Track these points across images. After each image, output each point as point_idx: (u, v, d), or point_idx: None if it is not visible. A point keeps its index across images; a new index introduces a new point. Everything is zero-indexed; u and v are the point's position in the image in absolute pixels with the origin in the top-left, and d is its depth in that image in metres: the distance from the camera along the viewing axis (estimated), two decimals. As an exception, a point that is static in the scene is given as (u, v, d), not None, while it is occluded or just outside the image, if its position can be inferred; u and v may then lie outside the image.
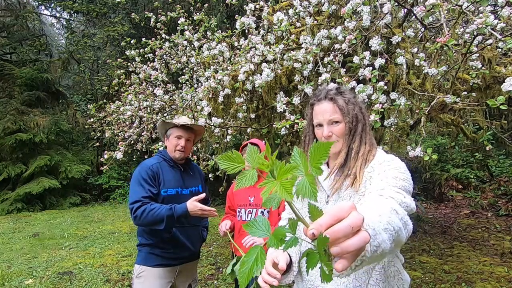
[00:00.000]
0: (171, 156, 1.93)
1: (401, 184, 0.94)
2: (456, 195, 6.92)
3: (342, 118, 1.09)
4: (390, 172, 0.98)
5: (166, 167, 1.91)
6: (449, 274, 3.51)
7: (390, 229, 0.67)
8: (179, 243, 1.88)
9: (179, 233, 1.87)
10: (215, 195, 8.10)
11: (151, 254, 1.85)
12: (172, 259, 1.89)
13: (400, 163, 1.03)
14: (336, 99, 1.10)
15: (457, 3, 1.75)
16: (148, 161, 1.91)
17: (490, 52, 2.26)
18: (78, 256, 4.42)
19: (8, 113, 8.40)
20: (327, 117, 1.10)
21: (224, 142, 3.27)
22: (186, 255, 1.94)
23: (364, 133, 1.11)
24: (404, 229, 0.73)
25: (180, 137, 1.91)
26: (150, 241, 1.86)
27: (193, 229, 1.97)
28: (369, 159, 1.08)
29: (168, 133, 1.95)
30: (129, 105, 4.25)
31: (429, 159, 1.81)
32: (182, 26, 3.74)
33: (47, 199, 8.39)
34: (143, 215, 1.70)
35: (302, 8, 2.51)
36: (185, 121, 1.96)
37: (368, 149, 1.10)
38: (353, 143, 1.10)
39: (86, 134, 10.13)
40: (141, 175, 1.81)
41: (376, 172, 1.02)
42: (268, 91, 2.76)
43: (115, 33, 8.62)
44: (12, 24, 9.58)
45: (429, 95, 2.10)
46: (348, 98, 1.11)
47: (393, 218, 0.71)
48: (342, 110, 1.09)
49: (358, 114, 1.11)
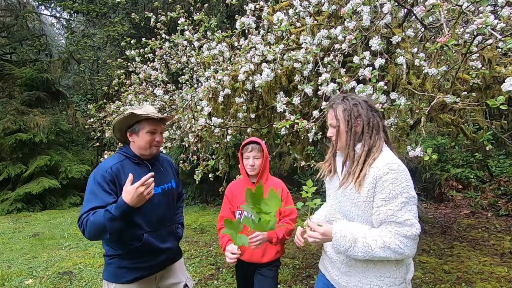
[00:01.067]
0: (140, 153, 1.65)
1: (398, 215, 1.16)
2: (456, 195, 6.92)
3: (336, 123, 1.33)
4: (387, 206, 1.17)
5: (130, 166, 1.60)
6: (449, 274, 3.51)
7: (361, 244, 1.18)
8: (152, 249, 1.62)
9: (152, 238, 1.61)
10: (215, 195, 8.10)
11: (122, 269, 1.57)
12: (147, 268, 1.63)
13: (398, 175, 1.18)
14: (336, 108, 1.33)
15: (457, 3, 1.75)
16: (107, 162, 1.60)
17: (490, 52, 2.25)
18: (78, 256, 4.42)
19: (8, 113, 8.40)
20: (328, 121, 1.38)
21: (224, 142, 3.27)
22: (164, 259, 1.70)
23: (363, 136, 1.28)
24: (389, 252, 1.16)
25: (154, 131, 1.64)
26: (118, 251, 1.58)
27: (167, 229, 1.73)
28: (368, 162, 1.23)
29: (136, 128, 1.63)
30: (129, 105, 4.25)
31: (429, 159, 1.81)
32: (182, 26, 3.74)
33: (47, 199, 8.38)
34: (86, 228, 1.41)
35: (302, 8, 2.51)
36: (154, 112, 1.66)
37: (366, 150, 1.25)
38: (351, 143, 1.29)
39: (86, 134, 10.12)
40: (96, 180, 1.50)
41: (379, 187, 1.19)
42: (268, 91, 2.76)
43: (115, 33, 8.62)
44: (12, 24, 9.58)
45: (429, 95, 2.10)
46: (347, 107, 1.30)
47: (374, 246, 1.17)
48: (337, 117, 1.32)
49: (352, 120, 1.29)
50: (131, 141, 1.67)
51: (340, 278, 1.35)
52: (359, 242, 1.18)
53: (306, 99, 2.65)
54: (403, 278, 1.28)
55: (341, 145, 1.33)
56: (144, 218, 1.60)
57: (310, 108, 2.78)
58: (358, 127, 1.29)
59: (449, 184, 7.12)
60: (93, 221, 1.40)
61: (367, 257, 1.18)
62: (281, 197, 1.97)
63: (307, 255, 4.18)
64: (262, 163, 1.96)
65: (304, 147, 3.11)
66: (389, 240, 1.15)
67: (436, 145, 7.22)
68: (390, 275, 1.25)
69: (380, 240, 1.16)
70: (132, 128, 1.65)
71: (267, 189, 2.02)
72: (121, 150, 1.70)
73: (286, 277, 3.51)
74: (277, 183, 2.03)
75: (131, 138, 1.67)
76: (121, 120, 1.63)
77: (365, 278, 1.27)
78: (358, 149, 1.28)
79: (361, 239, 1.18)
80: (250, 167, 1.95)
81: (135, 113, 1.59)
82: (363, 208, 1.23)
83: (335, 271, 1.38)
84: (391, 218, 1.16)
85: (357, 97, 1.34)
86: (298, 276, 3.56)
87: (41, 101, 9.37)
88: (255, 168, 1.95)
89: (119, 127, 1.68)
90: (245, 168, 1.99)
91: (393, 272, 1.25)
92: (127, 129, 1.67)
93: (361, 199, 1.23)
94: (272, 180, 2.04)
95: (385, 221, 1.18)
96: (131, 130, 1.65)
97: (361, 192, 1.22)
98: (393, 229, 1.16)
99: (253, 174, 1.97)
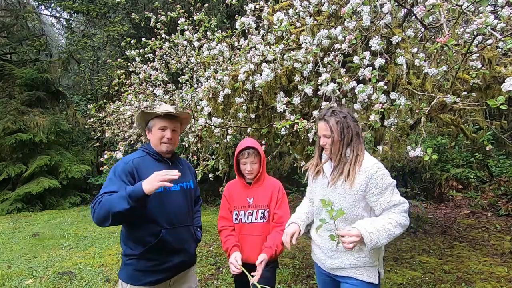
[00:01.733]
0: (156, 150, 1.70)
1: (393, 199, 1.49)
2: (456, 195, 6.92)
3: (330, 134, 1.54)
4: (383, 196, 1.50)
5: (151, 162, 1.65)
6: (449, 274, 3.52)
7: (383, 231, 1.44)
8: (169, 248, 1.62)
9: (168, 235, 1.61)
10: (215, 195, 8.11)
11: (138, 272, 1.59)
12: (163, 271, 1.62)
13: (384, 171, 1.51)
14: (328, 120, 1.55)
15: (457, 3, 1.75)
16: (130, 155, 1.66)
17: (490, 52, 2.26)
18: (78, 256, 4.43)
19: (8, 113, 8.40)
20: (321, 132, 1.58)
21: (224, 142, 3.27)
22: (180, 262, 1.68)
23: (352, 143, 1.54)
24: (401, 228, 1.47)
25: (164, 128, 1.67)
26: (136, 251, 1.59)
27: (185, 229, 1.72)
28: (357, 163, 1.51)
29: (149, 125, 1.71)
30: (129, 105, 4.26)
31: (429, 159, 1.81)
32: (182, 26, 3.74)
33: (47, 199, 8.38)
34: (96, 209, 1.44)
35: (302, 8, 2.51)
36: (168, 109, 1.69)
37: (355, 155, 1.53)
38: (343, 150, 1.54)
39: (86, 134, 10.12)
40: (117, 170, 1.56)
41: (373, 184, 1.49)
42: (268, 91, 2.76)
43: (115, 33, 8.61)
44: (12, 24, 9.57)
45: (429, 95, 2.10)
46: (338, 119, 1.54)
47: (391, 228, 1.45)
48: (331, 129, 1.54)
49: (345, 130, 1.53)
50: (150, 138, 1.75)
51: (326, 262, 1.65)
52: (381, 231, 1.44)
53: (306, 99, 2.65)
54: (376, 257, 1.58)
55: (334, 152, 1.57)
56: (160, 214, 1.61)
57: (310, 108, 2.78)
58: (348, 136, 1.54)
59: (449, 184, 7.12)
60: (103, 201, 1.44)
61: (389, 239, 1.44)
62: (276, 197, 1.95)
63: (307, 255, 4.18)
64: (259, 167, 1.97)
65: (304, 147, 3.11)
66: (397, 218, 1.46)
67: (436, 145, 7.22)
68: (365, 255, 1.54)
69: (393, 221, 1.46)
70: (148, 125, 1.73)
71: (265, 189, 2.03)
72: (142, 147, 1.76)
73: (286, 277, 3.51)
74: (274, 183, 2.02)
75: (148, 136, 1.74)
76: (136, 118, 1.74)
77: (347, 259, 1.57)
78: (348, 153, 1.55)
79: (381, 227, 1.44)
80: (248, 172, 1.95)
81: (143, 111, 1.70)
82: (351, 201, 1.52)
83: (323, 256, 1.67)
84: (390, 204, 1.48)
85: (343, 109, 1.59)
86: (298, 276, 3.56)
87: (41, 101, 9.37)
88: (252, 173, 1.95)
89: (139, 125, 1.79)
90: (243, 172, 1.98)
91: (368, 253, 1.54)
92: (145, 127, 1.77)
93: (352, 193, 1.51)
94: (269, 180, 2.03)
95: (387, 207, 1.49)
96: (147, 128, 1.74)
97: (353, 188, 1.50)
98: (395, 210, 1.48)
99: (251, 178, 1.97)
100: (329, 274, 1.69)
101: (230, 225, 2.00)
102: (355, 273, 1.56)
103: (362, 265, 1.55)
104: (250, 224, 1.96)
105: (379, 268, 1.60)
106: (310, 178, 1.77)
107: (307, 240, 4.69)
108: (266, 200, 1.95)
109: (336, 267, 1.61)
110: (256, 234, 1.93)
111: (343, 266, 1.58)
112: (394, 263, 3.90)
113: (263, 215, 1.95)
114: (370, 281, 1.55)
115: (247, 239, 1.94)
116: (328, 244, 1.61)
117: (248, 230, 1.96)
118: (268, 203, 1.96)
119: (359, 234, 1.42)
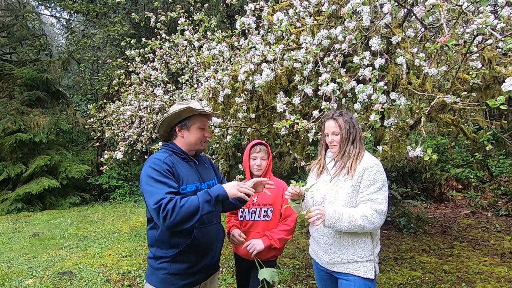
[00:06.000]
0: (187, 149, 1.64)
1: (375, 196, 1.58)
2: (456, 195, 6.92)
3: (339, 131, 1.68)
4: (368, 189, 1.60)
5: (179, 161, 1.59)
6: (449, 274, 3.51)
7: (347, 216, 1.53)
8: (201, 248, 1.56)
9: (200, 234, 1.54)
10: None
11: (170, 275, 1.51)
12: (195, 273, 1.56)
13: (381, 170, 1.63)
14: (337, 119, 1.70)
15: (457, 3, 1.75)
16: (158, 155, 1.56)
17: (490, 52, 2.26)
18: (78, 256, 4.42)
19: (8, 113, 8.39)
20: (330, 130, 1.71)
21: (224, 142, 3.27)
22: (210, 263, 1.63)
23: (355, 141, 1.69)
24: (366, 222, 1.53)
25: (204, 127, 1.64)
26: (168, 253, 1.51)
27: (213, 227, 1.65)
28: (359, 158, 1.65)
29: (188, 123, 1.61)
30: (129, 105, 4.25)
31: (429, 159, 1.81)
32: (182, 26, 3.74)
33: (47, 199, 8.38)
34: (175, 209, 1.36)
35: (302, 8, 2.51)
36: (204, 108, 1.64)
37: (358, 151, 1.67)
38: (347, 147, 1.68)
39: (86, 134, 10.13)
40: (157, 170, 1.47)
41: (366, 176, 1.60)
42: (268, 91, 2.76)
43: (115, 33, 8.61)
44: (12, 24, 9.57)
45: (429, 95, 2.10)
46: (346, 119, 1.69)
47: (356, 216, 1.54)
48: (340, 127, 1.68)
49: (351, 129, 1.69)
50: (179, 137, 1.64)
51: (324, 256, 1.72)
52: (345, 214, 1.54)
53: (306, 99, 2.65)
54: (371, 252, 1.64)
55: (341, 149, 1.69)
56: None
57: (310, 108, 2.78)
58: (353, 134, 1.69)
59: (449, 184, 7.12)
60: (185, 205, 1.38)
61: (350, 226, 1.53)
62: (282, 197, 2.01)
63: (307, 255, 4.18)
64: (268, 164, 2.06)
65: (304, 147, 3.11)
66: (367, 212, 1.55)
67: (436, 145, 7.22)
68: (361, 250, 1.62)
69: (361, 212, 1.55)
70: (183, 123, 1.61)
71: (270, 189, 2.06)
72: (166, 146, 1.66)
73: (286, 277, 3.51)
74: (279, 183, 2.08)
75: (180, 134, 1.63)
76: (175, 114, 1.58)
77: (343, 254, 1.64)
78: (351, 150, 1.68)
79: (346, 213, 1.55)
80: (256, 167, 2.04)
81: (192, 107, 1.56)
82: (350, 191, 1.61)
83: (320, 251, 1.75)
84: (367, 197, 1.58)
85: (348, 112, 1.77)
86: (298, 276, 3.56)
87: (41, 101, 9.37)
88: (261, 169, 2.04)
89: (169, 121, 1.63)
90: (251, 168, 2.06)
91: (363, 247, 1.63)
92: (177, 124, 1.63)
93: (351, 184, 1.61)
94: (274, 180, 2.10)
95: (363, 200, 1.59)
96: (182, 125, 1.62)
97: (353, 180, 1.62)
98: (368, 204, 1.57)
99: (258, 174, 2.04)
100: (327, 271, 1.75)
101: (236, 219, 2.12)
102: (352, 269, 1.63)
103: (358, 259, 1.62)
104: (252, 222, 2.04)
105: (375, 264, 1.67)
106: (314, 176, 1.83)
107: (307, 240, 4.69)
108: (270, 199, 2.02)
109: (333, 262, 1.68)
110: (258, 232, 2.00)
111: (340, 261, 1.65)
112: (394, 263, 3.89)
113: (266, 214, 2.02)
114: (367, 277, 1.62)
115: (249, 236, 1.99)
116: (326, 238, 1.69)
117: (250, 227, 2.03)
118: (273, 202, 2.03)
119: (324, 210, 1.53)
